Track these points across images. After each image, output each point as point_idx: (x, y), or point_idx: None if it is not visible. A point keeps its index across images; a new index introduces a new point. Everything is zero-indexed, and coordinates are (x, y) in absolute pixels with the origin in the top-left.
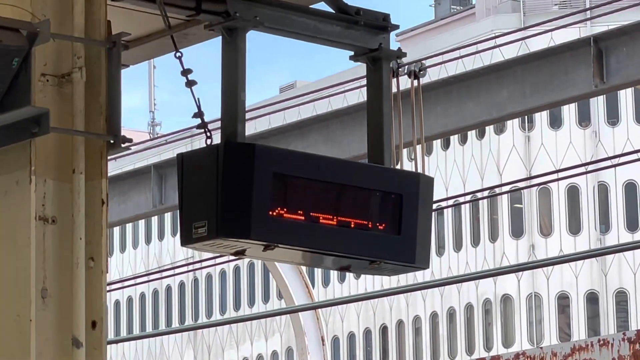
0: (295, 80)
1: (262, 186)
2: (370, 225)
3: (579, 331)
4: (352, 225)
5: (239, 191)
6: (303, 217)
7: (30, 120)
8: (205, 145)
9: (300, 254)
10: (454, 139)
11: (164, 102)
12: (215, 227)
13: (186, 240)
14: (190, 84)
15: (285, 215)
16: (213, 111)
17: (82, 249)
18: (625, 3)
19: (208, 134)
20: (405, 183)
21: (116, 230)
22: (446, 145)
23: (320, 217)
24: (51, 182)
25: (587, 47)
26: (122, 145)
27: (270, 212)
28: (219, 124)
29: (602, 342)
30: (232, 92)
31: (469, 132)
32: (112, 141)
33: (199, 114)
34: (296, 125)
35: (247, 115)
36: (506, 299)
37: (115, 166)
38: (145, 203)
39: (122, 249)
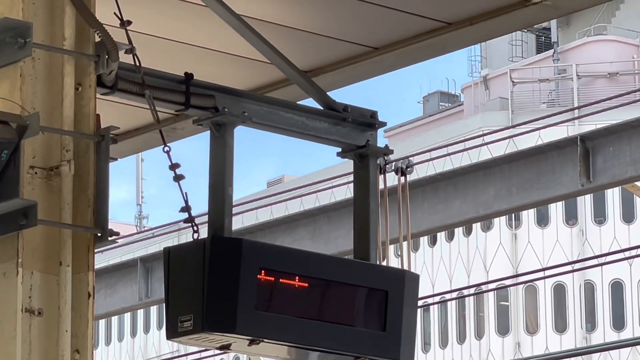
0: (283, 174)
1: (248, 281)
2: (355, 322)
3: None
4: (338, 321)
5: (225, 286)
6: (288, 313)
7: (18, 212)
8: (192, 239)
9: (285, 349)
10: (441, 235)
11: (152, 195)
12: (200, 321)
13: (172, 334)
14: (177, 178)
15: (270, 310)
16: (200, 205)
17: (67, 342)
18: (613, 103)
19: (195, 228)
20: (390, 280)
21: (102, 322)
22: (433, 242)
23: (306, 313)
24: (38, 274)
25: (574, 146)
26: (109, 239)
27: (256, 307)
28: (206, 218)
29: None
30: (220, 186)
31: (456, 229)
32: (99, 234)
33: (186, 208)
34: (283, 220)
35: (235, 210)
36: None
37: (102, 259)
38: (132, 296)
39: (108, 341)
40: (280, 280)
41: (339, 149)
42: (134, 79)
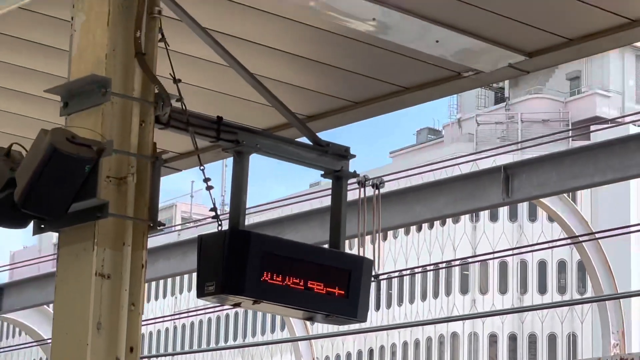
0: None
1: (254, 260)
2: (327, 290)
3: None
4: (315, 290)
5: (238, 263)
6: (281, 283)
7: (95, 208)
8: (217, 230)
9: (278, 307)
10: (424, 226)
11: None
12: (220, 286)
13: (200, 294)
14: (208, 188)
15: (269, 280)
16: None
17: (126, 297)
18: (544, 140)
19: (219, 222)
20: (353, 262)
21: (153, 283)
22: (410, 231)
23: (293, 283)
24: (108, 250)
25: (498, 173)
26: (158, 228)
27: (259, 278)
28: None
29: None
30: (238, 195)
31: (436, 222)
32: (151, 224)
33: (214, 209)
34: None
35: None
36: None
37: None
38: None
39: (156, 298)
40: (276, 260)
41: (322, 172)
42: (181, 119)
